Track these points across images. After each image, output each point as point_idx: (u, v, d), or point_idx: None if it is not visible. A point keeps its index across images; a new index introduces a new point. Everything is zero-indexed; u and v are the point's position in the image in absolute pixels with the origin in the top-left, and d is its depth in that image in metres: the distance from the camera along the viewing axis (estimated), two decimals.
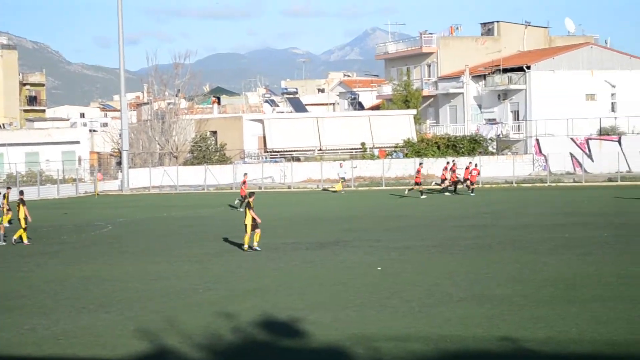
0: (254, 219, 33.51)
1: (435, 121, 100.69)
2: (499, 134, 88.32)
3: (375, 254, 31.73)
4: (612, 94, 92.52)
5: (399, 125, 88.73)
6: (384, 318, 20.58)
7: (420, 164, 66.63)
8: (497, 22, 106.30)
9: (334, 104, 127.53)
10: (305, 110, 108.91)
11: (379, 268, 28.16)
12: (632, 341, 17.69)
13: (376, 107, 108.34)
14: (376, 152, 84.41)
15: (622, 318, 19.53)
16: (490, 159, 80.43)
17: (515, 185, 72.41)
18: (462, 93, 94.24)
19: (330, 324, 20.12)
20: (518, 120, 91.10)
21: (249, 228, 33.54)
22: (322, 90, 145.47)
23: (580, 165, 79.07)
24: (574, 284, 23.98)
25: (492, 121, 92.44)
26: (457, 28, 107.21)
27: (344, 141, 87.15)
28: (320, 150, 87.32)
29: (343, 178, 70.24)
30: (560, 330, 18.73)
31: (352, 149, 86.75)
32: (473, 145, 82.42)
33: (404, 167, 79.26)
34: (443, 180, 63.69)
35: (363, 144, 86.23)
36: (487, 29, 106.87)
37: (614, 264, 27.25)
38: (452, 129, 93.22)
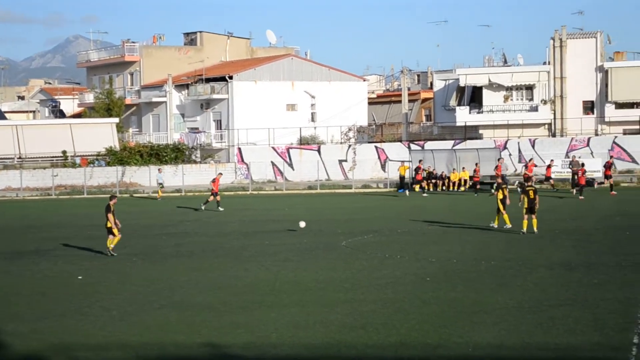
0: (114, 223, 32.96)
1: (138, 130, 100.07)
2: (202, 143, 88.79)
3: (76, 263, 31.11)
4: (312, 105, 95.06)
5: (102, 134, 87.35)
6: (84, 327, 20.22)
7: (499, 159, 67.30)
8: (200, 32, 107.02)
9: (34, 111, 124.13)
10: (4, 118, 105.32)
11: (80, 277, 27.65)
12: (328, 344, 18.18)
13: (78, 115, 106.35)
14: (78, 160, 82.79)
15: (320, 322, 20.06)
16: (193, 167, 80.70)
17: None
18: (165, 102, 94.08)
19: (28, 334, 19.57)
20: (221, 129, 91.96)
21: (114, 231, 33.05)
22: (22, 98, 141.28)
23: (282, 173, 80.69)
24: (274, 290, 24.42)
25: (195, 130, 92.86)
26: (160, 37, 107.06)
27: (44, 149, 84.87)
28: (20, 158, 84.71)
29: (161, 184, 68.72)
30: (260, 335, 19.01)
31: (53, 157, 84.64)
32: (176, 153, 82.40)
33: (106, 176, 78.26)
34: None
35: (64, 152, 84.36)
36: (190, 38, 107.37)
37: (313, 270, 27.95)
38: (155, 138, 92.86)
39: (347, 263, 29.29)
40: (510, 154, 77.14)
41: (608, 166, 61.99)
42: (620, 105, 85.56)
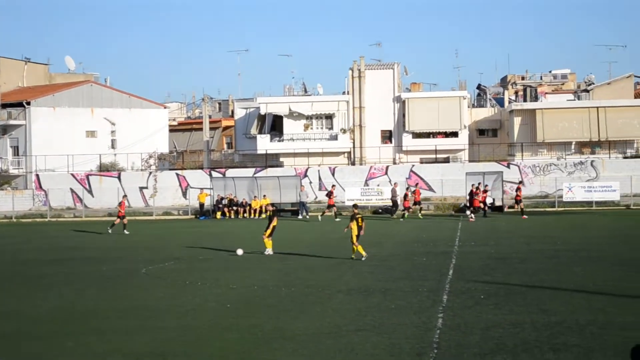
0: None
1: None
2: None
3: None
4: (112, 132, 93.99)
5: None
6: None
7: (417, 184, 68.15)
8: None
9: None
10: None
11: None
12: None
13: None
14: None
15: (118, 350, 19.73)
16: None
17: (15, 220, 71.13)
18: None
19: None
20: (18, 155, 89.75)
21: None
22: None
23: (81, 200, 79.39)
24: (72, 319, 23.91)
25: None
26: None
27: None
28: None
29: None
30: None
31: None
32: None
33: None
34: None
35: None
36: None
37: (112, 298, 27.53)
38: None
39: (147, 291, 28.97)
40: (310, 182, 78.12)
41: (518, 190, 64.09)
42: (417, 135, 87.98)
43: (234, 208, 70.64)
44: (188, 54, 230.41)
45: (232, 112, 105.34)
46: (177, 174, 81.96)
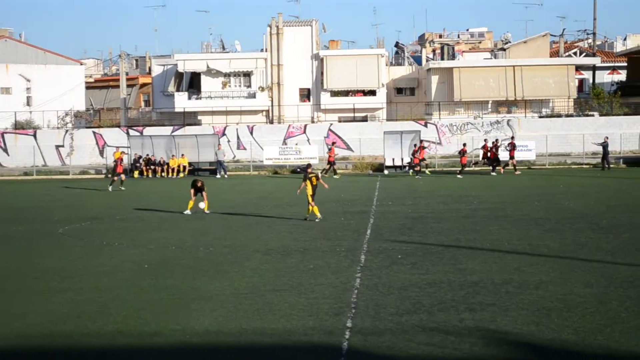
0: None
1: None
2: None
3: None
4: (28, 88, 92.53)
5: None
6: None
7: (422, 141, 67.44)
8: None
9: None
10: None
11: None
12: (43, 334, 17.73)
13: None
14: None
15: (35, 311, 19.57)
16: None
17: None
18: None
19: None
20: None
21: None
22: None
23: None
24: None
25: None
26: None
27: None
28: None
29: None
30: None
31: None
32: None
33: None
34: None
35: None
36: None
37: (28, 258, 27.23)
38: None
39: (64, 251, 28.70)
40: (229, 141, 77.85)
41: (512, 147, 64.93)
42: (335, 93, 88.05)
43: (152, 167, 70.11)
44: (104, 10, 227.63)
45: (150, 69, 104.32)
46: (94, 132, 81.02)
